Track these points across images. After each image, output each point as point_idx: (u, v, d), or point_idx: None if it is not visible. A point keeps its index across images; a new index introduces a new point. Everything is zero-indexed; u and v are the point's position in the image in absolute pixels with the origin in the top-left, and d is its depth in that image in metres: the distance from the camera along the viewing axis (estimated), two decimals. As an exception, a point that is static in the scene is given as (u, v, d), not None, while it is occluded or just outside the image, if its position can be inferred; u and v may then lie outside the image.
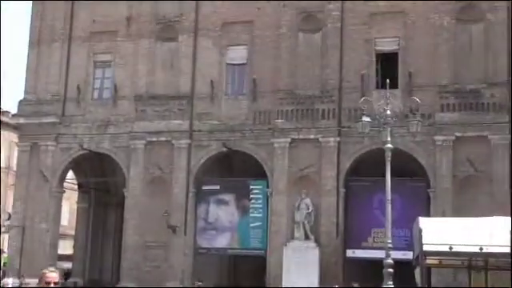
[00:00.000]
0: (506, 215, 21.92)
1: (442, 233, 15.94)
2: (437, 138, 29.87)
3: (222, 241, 32.24)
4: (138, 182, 32.97)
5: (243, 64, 33.40)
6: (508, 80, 29.60)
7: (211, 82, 32.94)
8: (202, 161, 32.68)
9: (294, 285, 27.63)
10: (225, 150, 32.24)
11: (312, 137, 31.25)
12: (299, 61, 32.23)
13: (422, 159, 30.13)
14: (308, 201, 30.29)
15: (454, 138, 29.75)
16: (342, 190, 30.87)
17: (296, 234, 30.07)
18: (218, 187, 32.64)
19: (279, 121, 31.82)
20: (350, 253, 30.47)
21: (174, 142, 32.76)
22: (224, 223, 32.39)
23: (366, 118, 23.29)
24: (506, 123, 29.29)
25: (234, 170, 35.21)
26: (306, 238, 29.91)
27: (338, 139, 31.01)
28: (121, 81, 34.59)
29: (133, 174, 33.13)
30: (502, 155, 29.12)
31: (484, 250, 15.27)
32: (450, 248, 15.45)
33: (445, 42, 30.91)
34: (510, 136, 28.98)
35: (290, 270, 28.57)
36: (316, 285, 26.03)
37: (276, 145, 31.64)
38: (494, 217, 17.84)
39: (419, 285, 16.62)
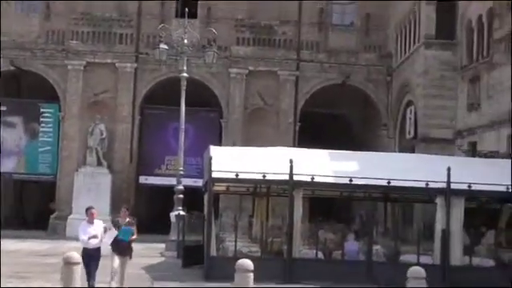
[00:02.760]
0: (288, 146, 23.82)
1: (230, 161, 16.84)
2: (231, 70, 30.98)
3: (7, 165, 30.83)
4: None
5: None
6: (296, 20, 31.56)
7: (0, -3, 30.62)
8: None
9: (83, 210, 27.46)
10: (12, 68, 30.48)
11: (108, 61, 30.68)
12: (97, -19, 31.13)
13: (217, 90, 31.12)
14: (102, 126, 29.94)
15: (247, 71, 31.07)
16: (138, 117, 30.99)
17: (88, 160, 29.74)
18: (4, 108, 30.88)
19: (73, 42, 30.78)
20: (142, 179, 31.05)
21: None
22: (10, 147, 30.92)
23: (163, 46, 23.43)
24: (295, 60, 31.26)
25: (23, 91, 33.52)
26: (99, 164, 29.72)
27: (135, 65, 30.85)
28: None
29: None
30: (289, 90, 31.13)
31: (267, 177, 16.47)
32: (237, 175, 16.43)
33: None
34: (297, 72, 31.12)
35: (81, 195, 28.37)
36: (107, 210, 26.15)
37: (70, 67, 30.63)
38: (278, 147, 19.26)
39: (206, 212, 17.48)
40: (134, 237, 13.46)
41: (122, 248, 13.17)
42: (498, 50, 23.22)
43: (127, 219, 13.66)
